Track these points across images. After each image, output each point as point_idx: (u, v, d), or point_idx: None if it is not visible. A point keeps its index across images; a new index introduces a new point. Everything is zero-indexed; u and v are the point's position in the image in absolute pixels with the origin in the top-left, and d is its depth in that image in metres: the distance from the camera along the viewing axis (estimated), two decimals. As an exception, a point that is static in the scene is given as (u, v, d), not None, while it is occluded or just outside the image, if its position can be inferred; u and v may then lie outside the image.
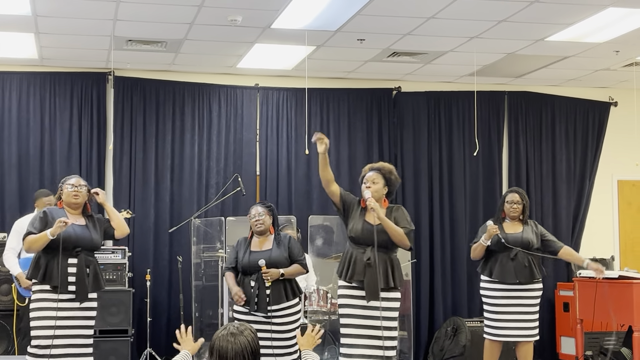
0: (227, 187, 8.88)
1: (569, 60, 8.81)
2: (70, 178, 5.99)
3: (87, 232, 5.89)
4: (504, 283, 6.89)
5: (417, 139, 9.80)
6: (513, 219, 7.04)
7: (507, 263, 6.86)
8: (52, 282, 5.72)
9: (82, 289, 5.78)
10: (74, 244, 5.78)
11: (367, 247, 5.77)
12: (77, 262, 5.78)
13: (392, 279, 5.76)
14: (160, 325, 8.98)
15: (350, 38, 7.92)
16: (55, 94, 8.99)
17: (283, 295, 6.04)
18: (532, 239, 6.95)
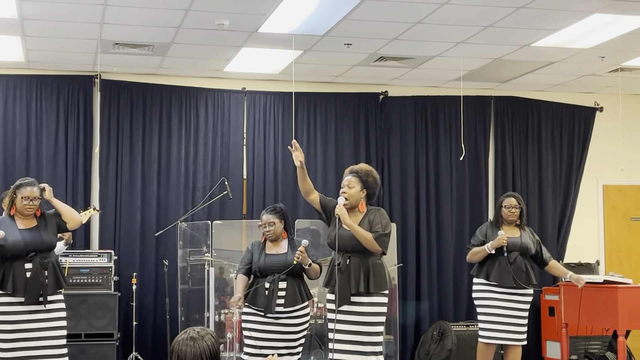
0: (214, 190, 8.87)
1: (555, 65, 8.85)
2: (23, 187, 5.95)
3: (38, 235, 5.94)
4: (502, 286, 6.92)
5: (404, 143, 9.82)
6: (511, 223, 7.06)
7: (506, 266, 6.90)
8: (8, 288, 5.81)
9: (31, 294, 5.83)
10: (25, 251, 5.87)
11: (341, 252, 5.77)
12: (32, 266, 5.87)
13: (364, 284, 5.73)
14: (146, 329, 8.96)
15: (338, 42, 7.93)
16: (41, 97, 8.96)
17: (298, 297, 6.06)
18: (530, 244, 7.01)
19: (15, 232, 5.86)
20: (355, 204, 5.87)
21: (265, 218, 6.17)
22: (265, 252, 6.16)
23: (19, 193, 5.93)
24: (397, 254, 9.23)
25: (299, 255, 5.92)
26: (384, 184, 9.71)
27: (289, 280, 6.06)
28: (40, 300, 5.87)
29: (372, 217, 5.84)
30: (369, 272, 5.77)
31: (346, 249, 5.76)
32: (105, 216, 9.01)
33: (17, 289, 5.81)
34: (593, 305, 7.32)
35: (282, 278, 6.03)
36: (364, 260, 5.79)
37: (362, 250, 5.77)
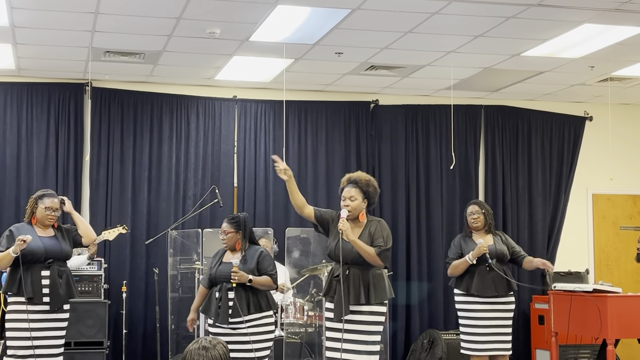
0: (205, 198, 8.86)
1: (545, 75, 8.89)
2: (46, 198, 6.17)
3: (57, 243, 6.14)
4: (483, 297, 6.88)
5: (394, 151, 9.83)
6: (477, 230, 7.04)
7: (485, 276, 6.86)
8: (26, 294, 5.93)
9: (55, 299, 6.01)
10: (44, 257, 6.03)
11: (339, 263, 5.76)
12: (49, 273, 6.03)
13: (364, 296, 5.72)
14: (136, 337, 8.94)
15: (329, 51, 7.95)
16: (32, 105, 8.95)
17: (245, 307, 5.93)
18: (504, 250, 7.00)
19: (36, 238, 6.02)
20: (357, 215, 5.85)
21: (222, 226, 6.17)
22: (221, 261, 6.15)
23: (40, 203, 6.13)
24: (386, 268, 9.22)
25: (235, 276, 5.90)
26: (374, 192, 9.71)
27: (237, 291, 5.95)
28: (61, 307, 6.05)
29: (373, 229, 5.81)
30: (369, 283, 5.75)
31: (346, 260, 5.72)
32: (95, 224, 8.97)
33: (36, 294, 5.95)
34: (583, 314, 7.33)
35: (228, 288, 5.97)
36: (363, 271, 5.77)
37: (362, 262, 5.75)
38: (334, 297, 5.76)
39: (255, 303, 6.00)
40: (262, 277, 6.02)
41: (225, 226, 6.13)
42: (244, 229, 6.14)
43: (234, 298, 5.95)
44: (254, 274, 6.00)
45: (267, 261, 6.10)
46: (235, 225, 6.12)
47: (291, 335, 7.91)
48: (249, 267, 6.02)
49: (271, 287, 6.09)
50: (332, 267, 5.94)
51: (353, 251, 5.71)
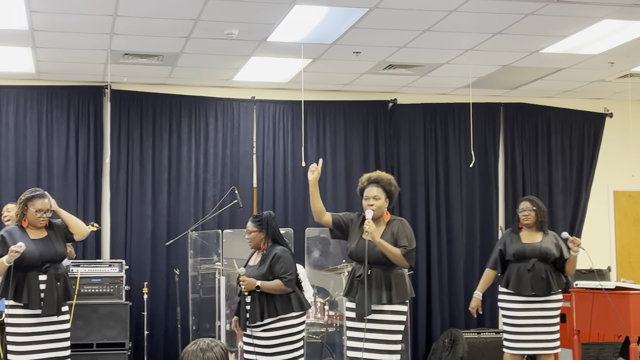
0: (224, 199, 8.89)
1: (564, 72, 8.85)
2: (36, 199, 5.95)
3: (51, 245, 5.98)
4: (520, 295, 6.80)
5: (413, 151, 9.82)
6: (529, 227, 6.93)
7: (523, 274, 6.76)
8: (23, 299, 5.82)
9: (49, 306, 5.87)
10: (40, 261, 5.89)
11: (362, 263, 5.75)
12: (47, 278, 5.90)
13: (386, 295, 5.71)
14: (157, 339, 8.97)
15: (346, 51, 7.95)
16: (52, 108, 9.00)
17: (258, 313, 5.86)
18: (551, 249, 6.82)
19: (30, 243, 5.85)
20: (381, 214, 5.84)
21: (247, 225, 6.11)
22: (248, 264, 6.11)
23: (31, 205, 5.92)
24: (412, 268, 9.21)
25: (243, 284, 5.85)
26: (393, 191, 9.71)
27: (253, 296, 5.90)
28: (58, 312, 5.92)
29: (396, 229, 5.81)
30: (390, 283, 5.75)
31: (368, 260, 5.70)
32: (116, 226, 9.04)
33: (33, 300, 5.82)
34: (605, 312, 7.29)
35: (246, 294, 5.92)
36: (385, 271, 5.76)
37: (384, 262, 5.74)
38: (355, 296, 5.75)
39: (271, 307, 5.89)
40: (272, 282, 5.89)
41: (249, 225, 6.08)
42: (267, 228, 6.04)
43: (249, 302, 5.91)
44: (268, 277, 5.90)
45: (279, 263, 5.92)
46: (259, 224, 6.05)
47: (312, 335, 7.91)
48: (261, 271, 5.92)
49: (283, 290, 5.90)
50: (352, 267, 5.92)
51: (376, 251, 5.70)
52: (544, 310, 6.82)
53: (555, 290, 6.84)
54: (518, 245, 6.85)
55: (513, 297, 6.84)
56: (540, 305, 6.81)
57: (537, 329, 6.81)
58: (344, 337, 6.35)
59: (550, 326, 6.86)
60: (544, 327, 6.82)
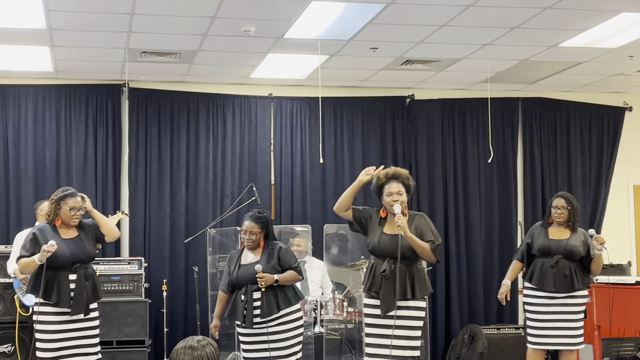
0: (242, 196, 8.90)
1: (583, 65, 8.79)
2: (68, 197, 5.95)
3: (82, 245, 5.98)
4: (543, 290, 6.76)
5: (431, 146, 9.79)
6: (560, 224, 6.85)
7: (547, 270, 6.70)
8: (52, 299, 5.84)
9: (78, 305, 5.89)
10: (71, 262, 5.89)
11: (385, 258, 5.75)
12: (76, 278, 5.90)
13: (410, 291, 5.70)
14: (177, 336, 8.97)
15: (363, 47, 7.93)
16: (70, 106, 9.05)
17: (274, 306, 5.87)
18: (578, 247, 6.72)
19: (61, 243, 5.84)
20: (403, 211, 5.82)
21: (248, 225, 5.98)
22: (239, 264, 6.00)
23: (63, 204, 5.93)
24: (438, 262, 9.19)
25: (261, 282, 5.80)
26: (411, 187, 9.69)
27: (265, 291, 5.85)
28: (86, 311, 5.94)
29: (419, 223, 5.80)
30: (413, 278, 5.75)
31: (391, 254, 5.72)
32: (134, 223, 9.07)
33: (62, 299, 5.84)
34: (625, 307, 7.25)
35: (254, 289, 5.88)
36: (408, 266, 5.75)
37: (407, 256, 5.73)
38: (378, 292, 5.73)
39: (284, 298, 5.94)
40: (288, 273, 5.95)
41: (252, 226, 5.96)
42: (268, 227, 6.05)
43: (260, 298, 5.88)
44: (278, 270, 5.92)
45: (287, 255, 6.00)
46: (263, 225, 6.00)
47: (331, 332, 7.91)
48: (273, 265, 5.92)
49: (297, 279, 6.03)
50: (372, 263, 5.89)
51: (401, 245, 5.68)
52: (567, 306, 6.75)
53: (579, 288, 6.74)
54: (544, 241, 6.80)
55: (536, 292, 6.79)
56: (562, 301, 6.74)
57: (559, 324, 6.74)
58: (362, 334, 6.33)
59: (573, 322, 6.77)
60: (566, 322, 6.75)
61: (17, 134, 8.91)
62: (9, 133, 8.89)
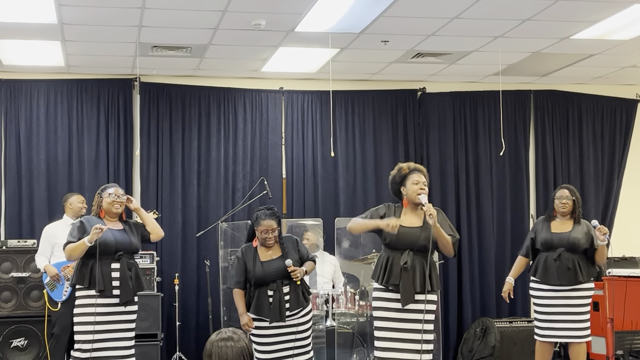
0: (254, 190, 8.91)
1: (595, 58, 8.75)
2: (110, 187, 6.18)
3: (126, 236, 6.11)
4: (547, 284, 6.77)
5: (442, 139, 9.77)
6: (564, 215, 6.84)
7: (550, 264, 6.71)
8: (98, 286, 5.92)
9: (125, 292, 6.01)
10: (115, 249, 6.00)
11: (404, 251, 5.73)
12: (119, 266, 6.01)
13: (429, 283, 5.70)
14: (189, 329, 9.03)
15: (374, 40, 7.92)
16: (82, 101, 9.07)
17: (302, 299, 5.96)
18: (580, 239, 6.72)
19: (107, 230, 5.95)
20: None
21: (268, 224, 5.93)
22: (260, 260, 5.95)
23: (104, 195, 6.11)
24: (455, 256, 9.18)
25: (295, 275, 5.83)
26: (423, 180, 9.67)
27: (291, 285, 5.93)
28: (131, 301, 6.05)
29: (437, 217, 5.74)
30: (431, 270, 5.75)
31: (411, 246, 5.71)
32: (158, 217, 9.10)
33: (106, 287, 5.93)
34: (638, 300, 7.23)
35: (285, 284, 5.91)
36: (426, 258, 5.75)
37: (424, 249, 5.72)
38: (397, 285, 5.71)
39: (305, 292, 6.04)
40: (308, 264, 6.05)
41: (271, 223, 5.92)
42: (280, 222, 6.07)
43: (289, 292, 5.93)
44: (299, 263, 5.98)
45: (304, 246, 6.13)
46: (279, 220, 6.02)
47: (343, 325, 7.91)
48: (295, 258, 5.96)
49: (314, 268, 6.19)
50: (387, 255, 5.82)
51: (421, 238, 5.69)
52: (572, 299, 6.75)
53: (584, 280, 6.72)
54: (547, 235, 6.80)
55: (541, 286, 6.82)
56: (567, 294, 6.74)
57: (565, 317, 6.75)
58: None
59: (579, 315, 6.78)
60: (572, 315, 6.75)
61: (29, 129, 8.93)
62: (21, 128, 8.92)
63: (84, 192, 8.77)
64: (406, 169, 5.86)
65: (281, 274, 5.90)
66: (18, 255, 8.05)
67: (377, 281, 5.83)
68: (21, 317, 8.08)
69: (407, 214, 5.82)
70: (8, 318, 8.09)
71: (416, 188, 5.76)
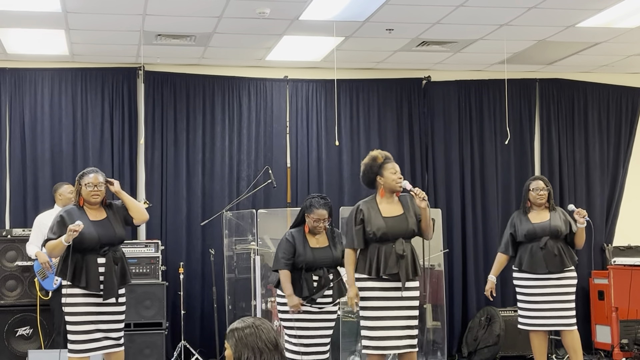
0: (258, 179, 8.91)
1: (601, 46, 8.72)
2: (88, 175, 5.93)
3: (110, 228, 5.93)
4: (535, 273, 6.82)
5: (447, 128, 9.75)
6: (540, 206, 6.93)
7: (536, 252, 6.79)
8: (81, 282, 5.79)
9: (109, 290, 5.86)
10: (99, 244, 5.84)
11: (395, 240, 5.75)
12: (105, 261, 5.86)
13: (419, 270, 5.81)
14: (194, 318, 9.04)
15: (379, 28, 7.89)
16: (86, 90, 9.06)
17: (343, 288, 6.18)
18: (561, 226, 6.83)
19: (89, 225, 5.80)
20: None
21: (321, 213, 6.06)
22: (309, 246, 6.11)
23: (82, 182, 5.91)
24: (443, 239, 9.19)
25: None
26: (428, 169, 9.67)
27: (334, 275, 6.18)
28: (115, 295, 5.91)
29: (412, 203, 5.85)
30: (415, 256, 5.84)
31: (402, 234, 5.78)
32: (151, 207, 9.08)
33: (91, 284, 5.79)
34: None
35: (330, 272, 6.13)
36: (410, 245, 5.84)
37: (411, 235, 5.82)
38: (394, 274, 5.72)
39: (343, 285, 6.21)
40: None
41: (324, 213, 6.07)
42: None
43: (333, 279, 6.14)
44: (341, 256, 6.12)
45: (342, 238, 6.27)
46: (330, 210, 6.16)
47: (347, 314, 7.92)
48: (340, 250, 6.14)
49: None
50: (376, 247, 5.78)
51: (409, 224, 5.75)
52: (559, 287, 6.84)
53: (569, 266, 6.84)
54: (528, 226, 6.88)
55: (528, 276, 6.89)
56: (555, 282, 6.83)
57: (554, 305, 6.83)
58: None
59: (567, 302, 6.86)
60: (559, 303, 6.83)
61: (33, 118, 8.93)
62: (25, 117, 8.92)
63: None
64: (381, 158, 5.89)
65: (328, 262, 6.11)
66: (23, 244, 8.05)
67: (368, 274, 5.79)
68: (26, 305, 8.09)
69: (385, 204, 5.85)
70: (13, 307, 8.11)
71: (395, 177, 5.82)
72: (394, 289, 5.75)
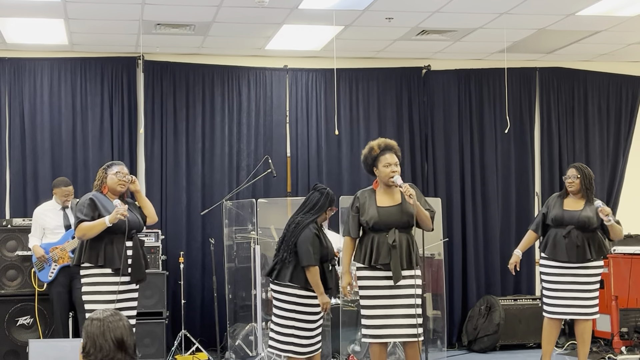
0: (258, 169, 8.90)
1: (601, 34, 8.70)
2: (115, 165, 6.15)
3: (134, 215, 6.14)
4: (555, 260, 6.81)
5: (447, 117, 9.74)
6: (574, 194, 6.89)
7: (559, 240, 6.77)
8: (114, 265, 5.92)
9: (138, 271, 6.05)
10: (128, 227, 5.99)
11: (388, 230, 5.77)
12: (132, 244, 6.05)
13: (414, 259, 5.80)
14: (194, 307, 9.05)
15: (379, 17, 7.88)
16: (86, 80, 9.05)
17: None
18: (592, 218, 6.75)
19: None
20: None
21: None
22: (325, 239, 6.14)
23: (109, 171, 6.09)
24: (443, 228, 9.19)
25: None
26: (428, 158, 9.66)
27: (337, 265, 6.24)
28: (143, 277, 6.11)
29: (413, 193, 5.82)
30: (413, 246, 5.84)
31: (396, 225, 5.79)
32: (151, 196, 9.06)
33: (122, 266, 5.93)
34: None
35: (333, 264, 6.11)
36: (408, 235, 5.84)
37: (407, 226, 5.82)
38: (386, 264, 5.76)
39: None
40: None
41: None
42: None
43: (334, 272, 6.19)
44: None
45: None
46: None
47: (348, 303, 7.93)
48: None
49: None
50: (371, 237, 5.84)
51: (403, 215, 5.77)
52: (580, 277, 6.79)
53: (593, 258, 6.77)
54: (558, 211, 6.85)
55: (550, 262, 6.85)
56: (576, 272, 6.79)
57: (573, 294, 6.79)
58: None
59: (587, 292, 6.82)
60: (580, 292, 6.79)
61: (32, 108, 8.92)
62: (24, 107, 8.91)
63: (88, 170, 8.80)
64: (377, 149, 5.91)
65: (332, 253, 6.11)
66: (23, 233, 8.06)
67: (362, 262, 5.85)
68: (27, 295, 8.10)
69: (382, 195, 5.91)
70: (14, 296, 8.13)
71: (388, 171, 5.83)
72: (389, 279, 5.79)
